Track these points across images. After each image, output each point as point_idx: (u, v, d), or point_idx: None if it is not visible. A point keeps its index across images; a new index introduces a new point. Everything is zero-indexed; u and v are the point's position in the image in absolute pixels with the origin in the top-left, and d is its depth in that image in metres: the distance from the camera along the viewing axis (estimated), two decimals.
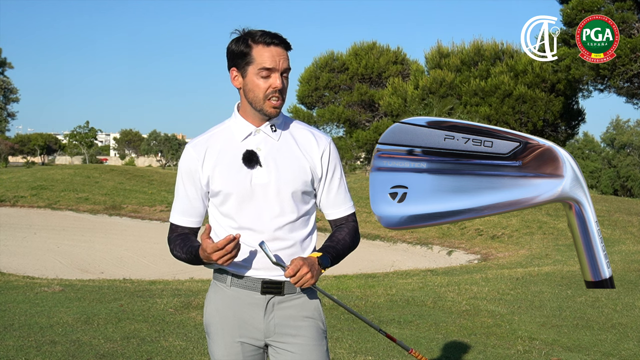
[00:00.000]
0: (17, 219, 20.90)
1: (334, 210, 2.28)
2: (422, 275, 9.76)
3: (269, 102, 2.13)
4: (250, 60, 2.13)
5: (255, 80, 2.13)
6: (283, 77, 2.15)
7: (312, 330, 2.20)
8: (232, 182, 2.14)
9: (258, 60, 2.12)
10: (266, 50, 2.12)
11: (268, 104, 2.14)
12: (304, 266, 2.05)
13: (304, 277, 2.05)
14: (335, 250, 2.19)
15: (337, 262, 2.22)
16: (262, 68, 2.11)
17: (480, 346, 5.24)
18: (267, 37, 2.13)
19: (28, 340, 4.91)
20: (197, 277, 9.85)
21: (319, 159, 2.22)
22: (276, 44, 2.13)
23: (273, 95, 2.13)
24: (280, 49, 2.13)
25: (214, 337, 2.23)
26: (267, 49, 2.12)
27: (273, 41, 2.12)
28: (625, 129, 64.02)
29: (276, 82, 2.12)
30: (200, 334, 5.30)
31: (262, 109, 2.15)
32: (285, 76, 2.16)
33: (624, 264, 9.88)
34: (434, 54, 29.14)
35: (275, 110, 2.15)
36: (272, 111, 2.15)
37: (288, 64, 2.15)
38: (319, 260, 2.12)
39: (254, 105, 2.16)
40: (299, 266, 2.05)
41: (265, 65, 2.11)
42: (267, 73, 2.12)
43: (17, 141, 57.46)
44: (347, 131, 32.97)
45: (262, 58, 2.11)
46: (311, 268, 2.07)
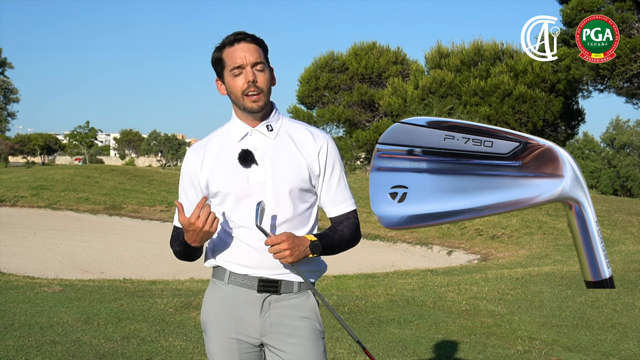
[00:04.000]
0: (17, 219, 20.90)
1: (335, 207, 2.27)
2: (422, 275, 9.76)
3: (248, 98, 2.16)
4: (224, 65, 2.18)
5: (231, 81, 2.17)
6: (256, 70, 2.16)
7: (308, 330, 2.20)
8: (230, 182, 2.16)
9: (228, 62, 2.17)
10: (232, 50, 2.16)
11: (247, 100, 2.16)
12: (285, 242, 2.05)
13: (281, 253, 2.05)
14: (331, 239, 2.18)
15: (332, 253, 2.21)
16: (233, 68, 2.15)
17: (480, 346, 5.24)
18: (232, 36, 2.17)
19: (28, 340, 4.91)
20: (197, 277, 9.86)
21: (316, 157, 2.22)
22: (240, 40, 2.16)
23: (248, 89, 2.15)
24: (246, 43, 2.16)
25: (210, 334, 2.24)
26: (233, 49, 2.16)
27: (237, 38, 2.16)
28: (625, 129, 64.01)
29: (248, 76, 2.14)
30: (200, 334, 5.30)
31: (244, 107, 2.18)
32: (258, 68, 2.16)
33: (624, 264, 9.89)
34: (434, 54, 29.14)
35: (255, 105, 2.16)
36: (252, 106, 2.17)
37: (257, 58, 2.16)
38: (311, 244, 2.11)
39: (239, 105, 2.20)
40: (280, 240, 2.05)
41: (234, 64, 2.15)
42: (238, 71, 2.15)
43: (17, 141, 57.46)
44: (347, 131, 32.97)
45: (231, 59, 2.16)
46: (293, 246, 2.06)
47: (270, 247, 2.06)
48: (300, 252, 2.08)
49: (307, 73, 33.60)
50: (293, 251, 2.06)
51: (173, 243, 2.26)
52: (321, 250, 2.14)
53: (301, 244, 2.09)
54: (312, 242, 2.12)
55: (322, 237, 2.16)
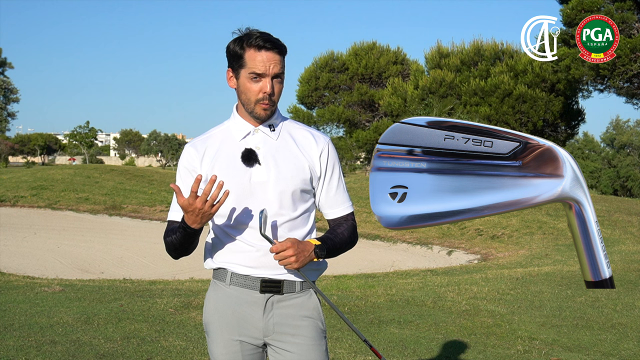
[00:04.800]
0: (17, 219, 20.88)
1: (333, 209, 2.28)
2: (422, 275, 9.76)
3: (260, 106, 2.16)
4: (243, 64, 2.15)
5: (246, 83, 2.15)
6: (275, 81, 2.15)
7: (311, 329, 2.20)
8: (232, 181, 2.14)
9: (249, 64, 2.13)
10: (258, 54, 2.12)
11: (258, 107, 2.16)
12: (290, 249, 2.05)
13: (287, 259, 2.06)
14: (333, 243, 2.19)
15: (333, 255, 2.22)
16: (253, 73, 2.13)
17: (480, 346, 5.24)
18: (260, 40, 2.12)
19: (28, 340, 4.91)
20: (197, 277, 9.86)
21: (317, 158, 2.23)
22: (268, 48, 2.12)
23: (264, 100, 2.14)
24: (273, 53, 2.13)
25: (213, 336, 2.23)
26: (259, 54, 2.12)
27: (265, 45, 2.12)
28: (625, 129, 64.02)
29: (266, 88, 2.13)
30: (200, 334, 5.31)
31: (252, 111, 2.18)
32: (278, 80, 2.16)
33: (624, 264, 9.88)
34: (433, 54, 29.14)
35: (265, 113, 2.17)
36: (262, 113, 2.17)
37: (280, 69, 2.14)
38: (316, 248, 2.12)
39: (246, 107, 2.19)
40: (285, 247, 2.05)
41: (256, 70, 2.12)
42: (258, 78, 2.13)
43: (17, 141, 57.44)
44: (347, 131, 32.97)
45: (254, 62, 2.12)
46: (298, 252, 2.06)
47: (275, 254, 2.06)
48: (306, 258, 2.09)
49: (307, 73, 33.60)
50: (298, 257, 2.07)
51: (169, 234, 2.20)
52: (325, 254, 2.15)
53: (306, 249, 2.10)
54: (316, 246, 2.13)
55: (325, 241, 2.17)
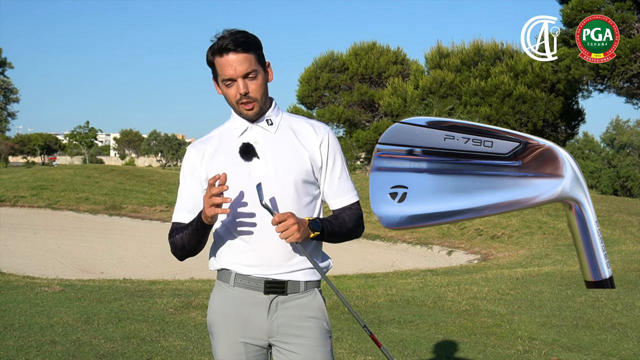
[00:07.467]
0: (17, 219, 20.88)
1: (337, 199, 2.27)
2: (422, 275, 9.76)
3: (242, 107, 2.16)
4: (216, 72, 2.18)
5: (224, 89, 2.17)
6: (248, 79, 2.13)
7: (316, 330, 2.19)
8: (232, 176, 2.13)
9: (219, 71, 2.15)
10: (223, 60, 2.12)
11: (242, 108, 2.17)
12: (291, 217, 2.04)
13: (290, 229, 2.03)
14: (331, 224, 2.17)
15: (334, 240, 2.19)
16: (224, 79, 2.14)
17: (480, 346, 5.24)
18: (222, 44, 2.10)
19: (28, 340, 4.91)
20: (197, 277, 9.86)
21: (317, 148, 2.22)
22: (229, 50, 2.10)
23: (241, 100, 2.15)
24: (235, 54, 2.10)
25: (217, 338, 2.22)
26: (223, 59, 2.11)
27: (227, 48, 2.10)
28: (625, 129, 64.06)
29: (240, 89, 2.13)
30: (200, 334, 5.31)
31: (240, 114, 2.20)
32: (252, 77, 2.13)
33: (624, 264, 9.88)
34: (434, 54, 29.16)
35: (250, 112, 2.17)
36: (247, 113, 2.18)
37: (247, 67, 2.11)
38: (310, 222, 2.11)
39: (234, 111, 2.22)
40: (286, 216, 2.04)
41: (224, 76, 2.13)
42: (229, 82, 2.14)
43: (17, 141, 57.52)
44: (347, 131, 32.99)
45: (222, 69, 2.13)
46: (299, 222, 2.05)
47: (277, 225, 2.04)
48: (305, 230, 2.07)
49: (307, 73, 33.63)
50: (300, 228, 2.04)
51: (174, 233, 2.22)
52: (321, 229, 2.12)
53: (302, 221, 2.09)
54: (310, 220, 2.11)
55: (322, 221, 2.16)
